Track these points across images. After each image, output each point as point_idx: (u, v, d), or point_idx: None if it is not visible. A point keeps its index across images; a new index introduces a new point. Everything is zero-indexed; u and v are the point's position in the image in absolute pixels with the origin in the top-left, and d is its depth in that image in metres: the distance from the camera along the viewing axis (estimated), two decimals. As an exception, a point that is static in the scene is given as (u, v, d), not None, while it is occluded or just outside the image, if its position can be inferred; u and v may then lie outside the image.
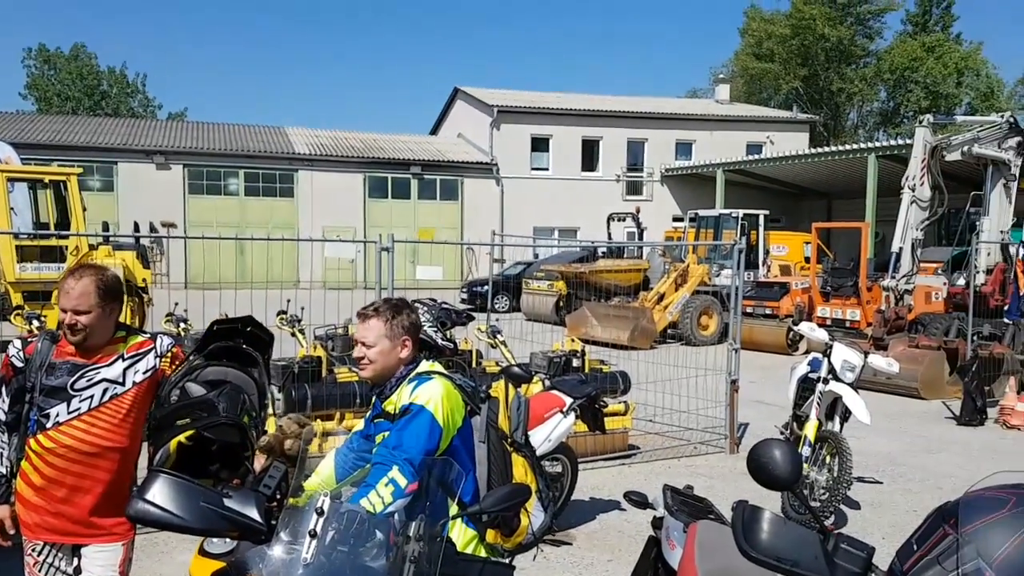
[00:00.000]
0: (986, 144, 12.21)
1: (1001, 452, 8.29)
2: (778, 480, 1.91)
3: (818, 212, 30.70)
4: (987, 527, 1.62)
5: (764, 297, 16.71)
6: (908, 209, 11.91)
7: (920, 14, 45.37)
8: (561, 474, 5.57)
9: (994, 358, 10.54)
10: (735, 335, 8.03)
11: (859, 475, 6.63)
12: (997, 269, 12.03)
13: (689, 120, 34.49)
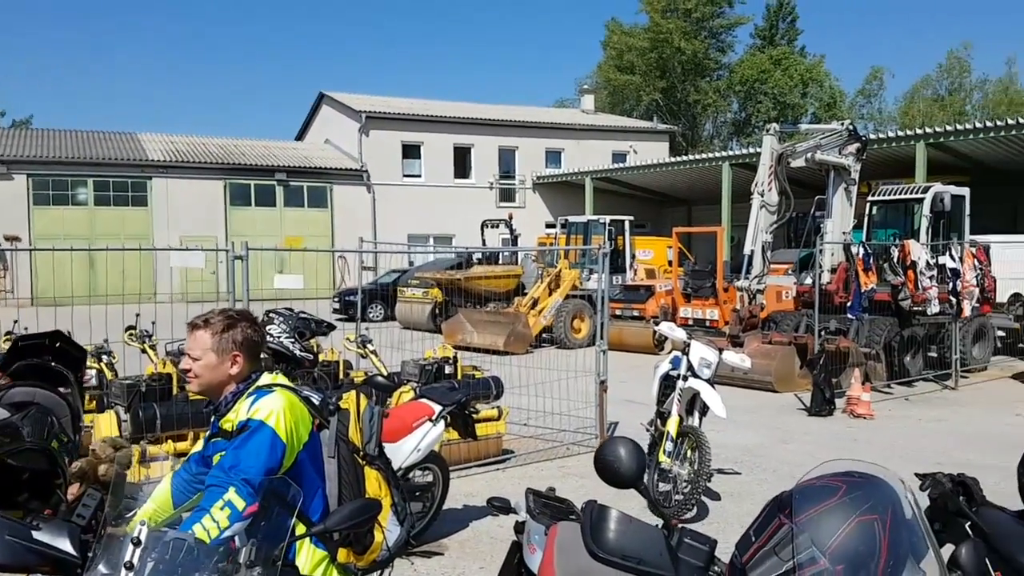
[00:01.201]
0: (828, 151, 13.07)
1: (849, 440, 8.84)
2: (623, 478, 1.91)
3: (679, 218, 32.07)
4: (820, 515, 1.66)
5: (631, 300, 17.22)
6: (758, 213, 12.56)
7: (767, 28, 48.30)
8: (432, 483, 5.47)
9: (840, 351, 11.26)
10: (603, 337, 8.20)
11: (719, 467, 6.89)
12: (840, 268, 12.84)
13: (558, 129, 35.23)
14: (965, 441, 8.72)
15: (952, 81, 45.33)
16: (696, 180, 28.60)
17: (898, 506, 1.69)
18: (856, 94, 48.78)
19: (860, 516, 1.65)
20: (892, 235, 13.85)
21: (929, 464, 6.56)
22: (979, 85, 45.17)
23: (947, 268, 12.15)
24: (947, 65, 45.30)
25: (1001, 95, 43.22)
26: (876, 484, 1.74)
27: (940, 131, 20.11)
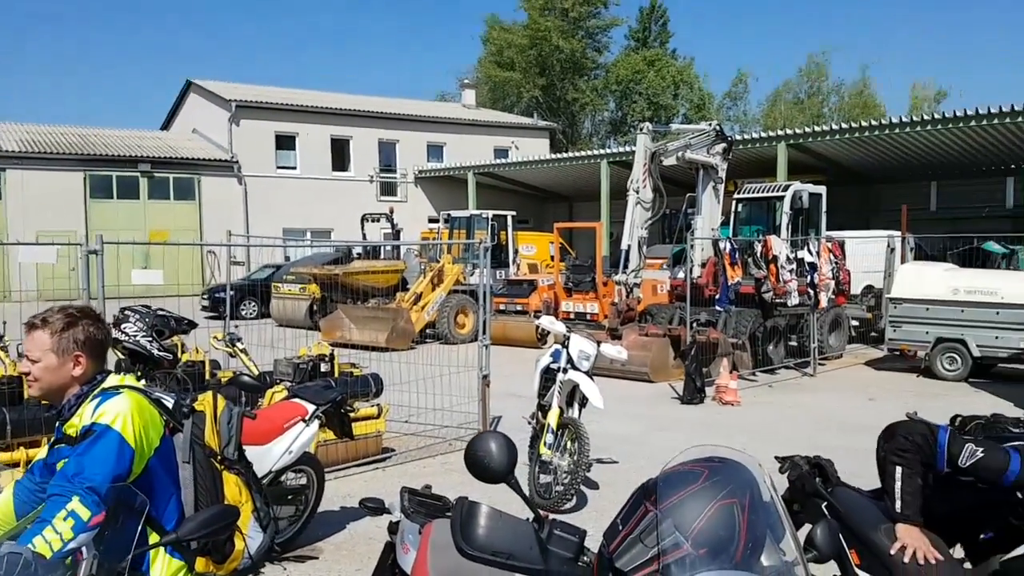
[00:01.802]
0: (697, 150, 13.60)
1: (718, 426, 9.23)
2: (494, 473, 1.89)
3: (561, 214, 32.62)
4: (683, 501, 1.70)
5: (514, 294, 17.36)
6: (634, 210, 12.92)
7: (641, 30, 49.76)
8: (306, 486, 5.29)
9: (710, 342, 11.75)
10: (485, 332, 8.20)
11: (598, 457, 7.04)
12: (710, 263, 13.41)
13: (439, 123, 35.05)
14: (823, 425, 9.27)
15: (811, 85, 48.13)
16: (576, 177, 29.15)
17: (756, 489, 1.75)
18: (723, 96, 51.04)
19: (721, 500, 1.69)
20: (756, 231, 14.57)
21: (790, 447, 6.91)
22: (836, 89, 48.19)
23: (805, 262, 12.91)
24: (807, 70, 48.07)
25: (856, 99, 46.26)
26: (736, 468, 1.79)
27: (800, 133, 21.33)
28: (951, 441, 2.93)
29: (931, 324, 12.37)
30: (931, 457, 2.94)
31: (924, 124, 19.05)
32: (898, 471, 2.95)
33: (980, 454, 2.86)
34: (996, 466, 2.82)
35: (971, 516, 3.11)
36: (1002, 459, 2.83)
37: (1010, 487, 2.83)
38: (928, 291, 12.53)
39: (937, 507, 3.04)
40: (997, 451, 2.86)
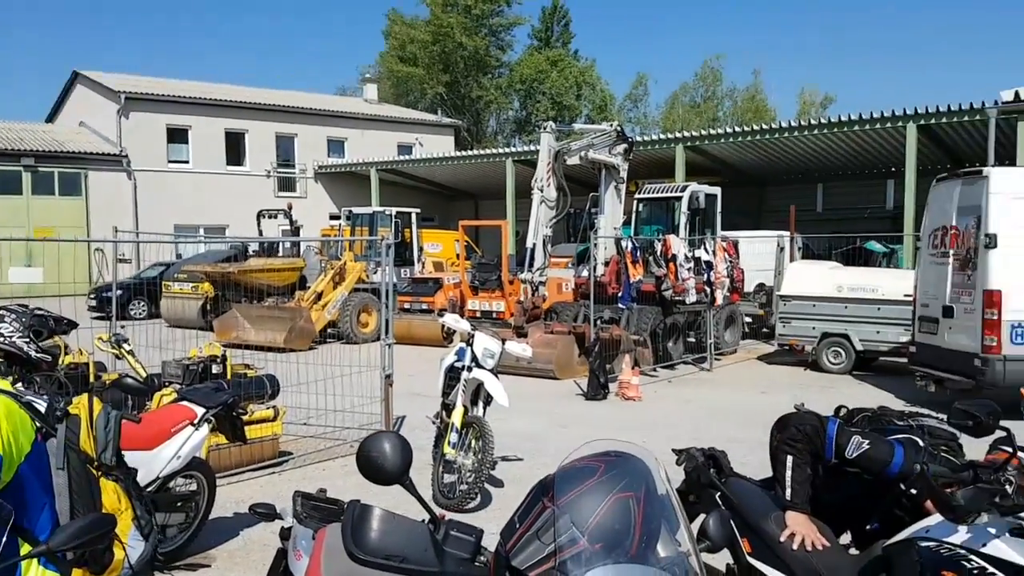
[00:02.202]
0: (599, 150, 13.82)
1: (620, 421, 9.39)
2: (388, 474, 1.83)
3: (467, 211, 32.53)
4: (580, 496, 1.69)
5: (420, 293, 17.19)
6: (538, 208, 13.01)
7: (543, 30, 50.22)
8: (196, 492, 5.05)
9: (613, 339, 11.94)
10: (388, 331, 8.07)
11: (503, 455, 7.03)
12: (612, 261, 13.64)
13: (340, 117, 34.36)
14: (719, 417, 9.57)
15: (707, 89, 49.79)
16: (482, 175, 29.16)
17: (652, 482, 1.75)
18: (624, 98, 52.16)
19: (617, 494, 1.69)
20: (656, 230, 14.93)
21: (689, 439, 7.11)
22: (729, 94, 50.04)
23: (702, 261, 13.30)
24: (702, 74, 49.70)
25: (749, 103, 48.14)
26: (632, 462, 1.80)
27: (696, 135, 21.99)
28: (839, 433, 3.03)
29: (817, 320, 12.95)
30: (820, 448, 3.04)
31: (811, 128, 19.96)
32: (789, 460, 3.04)
33: (866, 446, 2.97)
34: (881, 458, 2.94)
35: (858, 505, 3.24)
36: (886, 452, 2.95)
37: (894, 479, 2.95)
38: (814, 288, 13.12)
39: (826, 496, 3.16)
40: (882, 444, 2.98)
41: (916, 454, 2.93)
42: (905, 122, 17.78)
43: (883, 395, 10.79)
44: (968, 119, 17.03)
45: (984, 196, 9.16)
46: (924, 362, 10.28)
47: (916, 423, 3.24)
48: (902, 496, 3.02)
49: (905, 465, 2.89)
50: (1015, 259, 8.94)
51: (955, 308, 9.67)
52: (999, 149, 16.14)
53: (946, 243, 9.91)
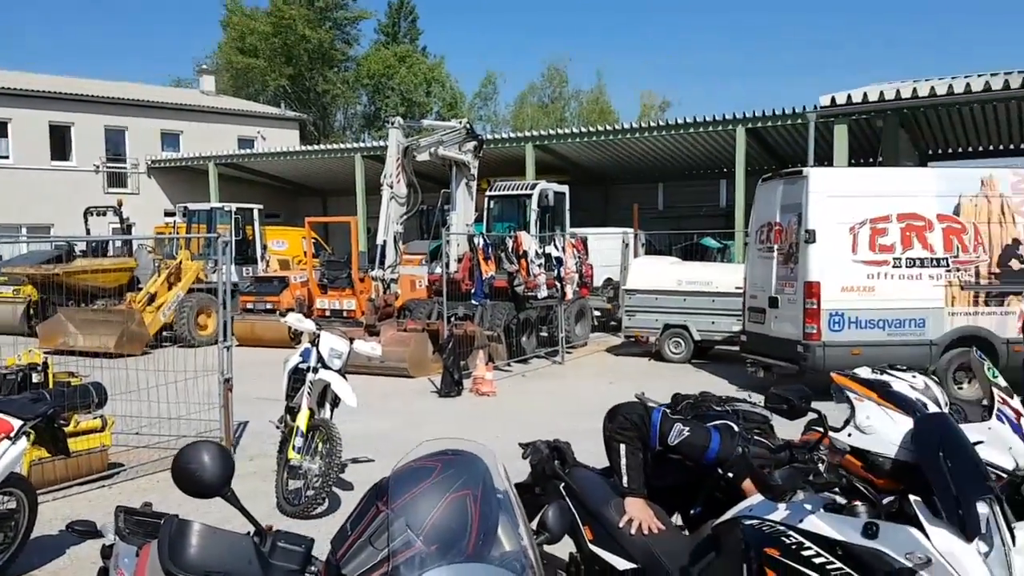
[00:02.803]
0: (449, 147, 13.81)
1: (475, 417, 9.43)
2: (207, 486, 1.72)
3: (315, 208, 31.62)
4: (415, 499, 1.65)
5: (264, 292, 16.56)
6: (388, 205, 12.84)
7: (390, 25, 49.58)
8: (15, 510, 4.65)
9: (467, 335, 11.97)
10: (226, 332, 7.70)
11: (353, 457, 6.87)
12: (465, 258, 13.69)
13: (175, 110, 32.44)
14: (570, 409, 9.80)
15: (554, 90, 50.97)
16: (330, 170, 28.44)
17: (489, 479, 1.75)
18: (474, 96, 52.46)
19: (453, 493, 1.67)
20: (508, 227, 15.12)
21: (542, 432, 7.19)
22: (575, 95, 51.45)
23: (552, 257, 13.61)
24: (548, 75, 50.82)
25: (593, 105, 49.69)
26: (469, 460, 1.78)
27: (545, 135, 22.47)
28: (662, 421, 3.17)
29: (660, 312, 13.58)
30: (646, 436, 3.16)
31: (651, 130, 20.88)
32: (622, 448, 3.15)
33: (686, 433, 3.11)
34: (699, 444, 3.10)
35: (683, 490, 3.41)
36: (704, 438, 3.11)
37: (712, 463, 3.12)
38: (657, 283, 13.75)
39: (655, 482, 3.29)
40: (701, 430, 3.14)
41: (732, 439, 3.11)
42: (735, 125, 18.95)
43: (719, 382, 11.44)
44: (791, 123, 18.37)
45: (804, 195, 9.88)
46: (754, 350, 10.98)
47: (732, 408, 3.44)
48: (720, 480, 3.19)
49: (721, 451, 3.06)
50: (832, 253, 9.72)
51: (780, 299, 10.39)
52: (818, 150, 17.51)
53: (771, 239, 10.63)
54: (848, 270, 9.74)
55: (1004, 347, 9.76)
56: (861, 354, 9.16)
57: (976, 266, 9.85)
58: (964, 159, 22.39)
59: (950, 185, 10.04)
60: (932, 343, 9.77)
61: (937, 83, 16.36)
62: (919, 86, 16.34)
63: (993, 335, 9.82)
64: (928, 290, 9.79)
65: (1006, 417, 3.38)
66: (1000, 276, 9.87)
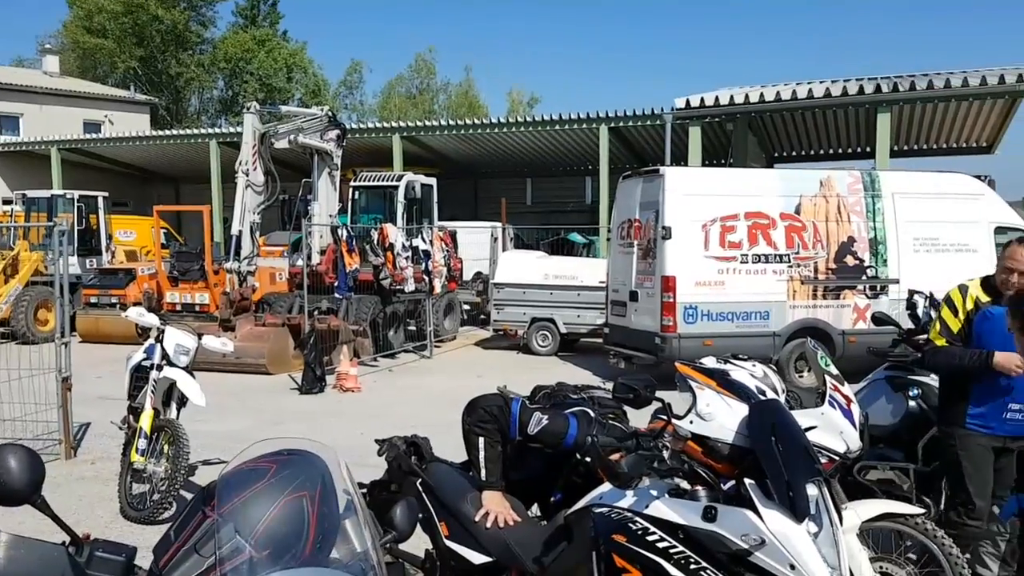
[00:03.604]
0: (310, 135, 13.39)
1: (337, 414, 9.20)
2: (14, 493, 1.57)
3: (167, 197, 29.91)
4: (246, 502, 1.57)
5: (109, 285, 15.53)
6: (244, 193, 12.34)
7: (249, 7, 47.52)
8: None
9: (331, 330, 11.69)
10: (64, 328, 7.15)
11: (205, 458, 6.55)
12: (329, 250, 13.34)
13: (13, 91, 29.96)
14: (437, 403, 9.74)
15: (422, 81, 50.58)
16: (184, 157, 27.01)
17: (329, 479, 1.68)
18: (339, 84, 51.25)
19: (289, 495, 1.59)
20: (374, 219, 14.87)
21: (407, 428, 7.11)
22: (444, 88, 51.27)
23: (420, 250, 13.50)
24: (416, 66, 50.37)
25: (463, 99, 49.70)
26: (307, 460, 1.71)
27: (413, 126, 22.27)
28: (522, 411, 3.20)
29: (527, 306, 13.75)
30: (506, 427, 3.18)
31: (520, 126, 21.13)
32: (480, 442, 3.15)
33: (545, 421, 3.16)
34: (558, 431, 3.15)
35: (542, 478, 3.45)
36: (563, 424, 3.16)
37: (571, 448, 3.18)
38: (525, 276, 13.91)
39: (513, 473, 3.31)
40: (559, 417, 3.20)
41: (588, 425, 3.19)
42: (599, 124, 19.47)
43: (583, 373, 11.72)
44: (650, 123, 19.06)
45: (661, 193, 10.26)
46: (616, 342, 11.32)
47: (588, 395, 3.53)
48: (579, 465, 3.26)
49: (579, 436, 3.13)
50: (686, 249, 10.14)
51: (639, 293, 10.76)
52: (675, 151, 18.30)
53: (631, 235, 10.98)
54: (701, 265, 10.18)
55: (840, 338, 10.50)
56: (712, 345, 9.63)
57: (815, 262, 10.54)
58: (807, 161, 24.00)
59: (792, 186, 10.70)
60: (776, 334, 10.38)
61: (783, 88, 17.44)
62: (766, 91, 17.35)
63: (830, 326, 10.53)
64: (772, 284, 10.38)
65: (837, 403, 3.61)
66: (836, 272, 10.61)
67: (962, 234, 10.70)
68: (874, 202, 10.70)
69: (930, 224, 10.70)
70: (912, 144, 21.94)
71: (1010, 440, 3.82)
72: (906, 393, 4.43)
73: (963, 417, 3.85)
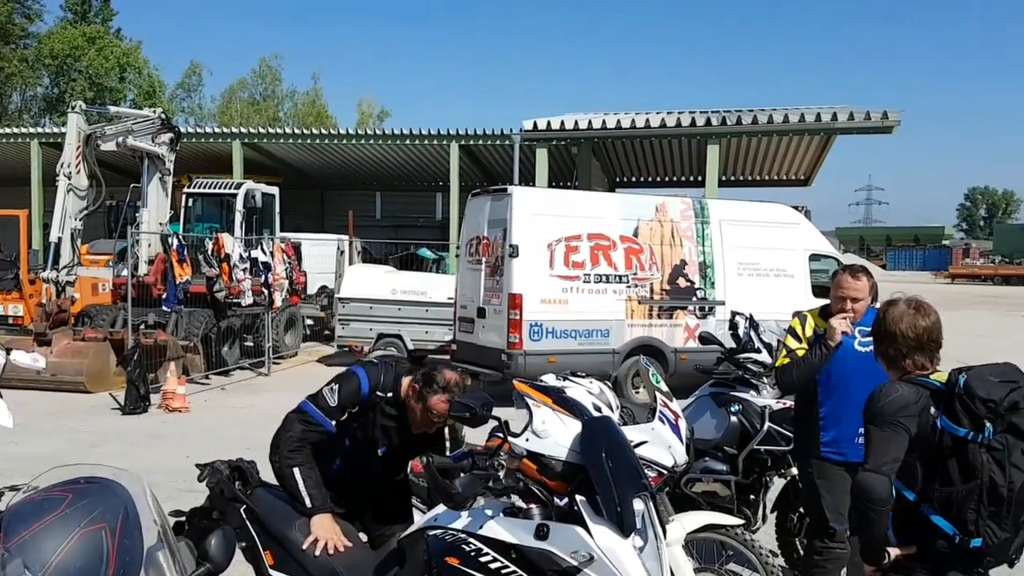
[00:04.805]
0: (141, 137, 12.57)
1: (162, 435, 8.64)
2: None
3: (-23, 198, 27.18)
4: (36, 535, 1.43)
5: None
6: (65, 198, 11.50)
7: (80, 3, 44.32)
8: None
9: (158, 345, 10.97)
10: None
11: (12, 484, 5.92)
12: (158, 260, 12.55)
13: None
14: (273, 424, 9.29)
15: (266, 87, 48.82)
16: (1, 157, 24.71)
17: (132, 508, 1.55)
18: (176, 87, 48.61)
19: (85, 528, 1.46)
20: (210, 228, 14.16)
21: (238, 451, 6.77)
22: (290, 95, 49.75)
23: (259, 262, 12.97)
24: (260, 71, 48.61)
25: (310, 107, 48.42)
26: (106, 488, 1.57)
27: (255, 133, 21.48)
28: (315, 403, 3.23)
29: (374, 321, 13.52)
30: (319, 431, 3.19)
31: (369, 138, 20.89)
32: (296, 472, 3.07)
33: (336, 387, 3.23)
34: (351, 388, 3.21)
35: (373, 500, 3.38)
36: (351, 379, 3.23)
37: (368, 399, 3.23)
38: (372, 291, 13.69)
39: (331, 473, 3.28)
40: (344, 376, 3.27)
41: (379, 369, 3.27)
42: (449, 141, 19.59)
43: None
44: (499, 143, 19.40)
45: (509, 211, 10.42)
46: (463, 358, 11.33)
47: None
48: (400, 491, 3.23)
49: (371, 380, 3.21)
50: (533, 267, 10.34)
51: (487, 309, 10.85)
52: (523, 170, 18.69)
53: (480, 252, 11.07)
54: (546, 284, 10.41)
55: (673, 355, 11.04)
56: (556, 362, 9.83)
57: (651, 283, 11.05)
58: (647, 187, 25.23)
59: (630, 210, 11.19)
60: (615, 351, 10.77)
61: (623, 117, 18.26)
62: (608, 119, 18.11)
63: (664, 344, 11.06)
64: (612, 304, 10.78)
65: (667, 419, 3.77)
66: (670, 292, 11.17)
67: (781, 260, 11.58)
68: (703, 228, 11.37)
69: (753, 250, 11.50)
70: (739, 175, 23.60)
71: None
72: (728, 409, 4.68)
73: (817, 446, 3.88)
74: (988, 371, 2.44)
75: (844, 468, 3.80)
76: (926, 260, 65.06)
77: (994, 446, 2.33)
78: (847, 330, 3.73)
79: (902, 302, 2.69)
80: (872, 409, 2.46)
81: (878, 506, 2.32)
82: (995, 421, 2.34)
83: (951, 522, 2.36)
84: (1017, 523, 2.36)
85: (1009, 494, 2.32)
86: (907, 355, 2.60)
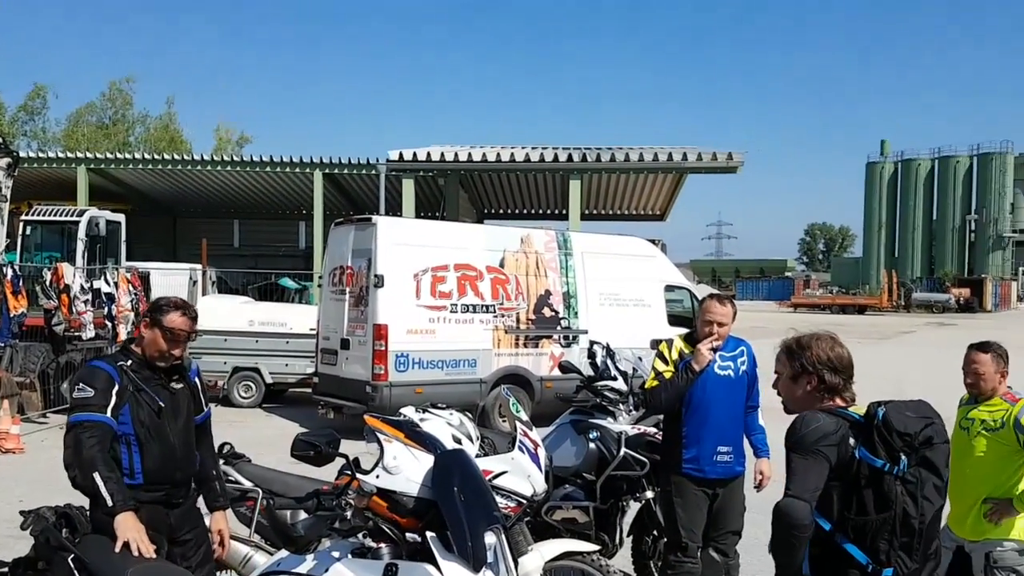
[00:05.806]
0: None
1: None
2: None
3: None
4: None
5: None
6: None
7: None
8: None
9: None
10: None
11: None
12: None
13: None
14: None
15: (116, 111, 46.18)
16: None
17: None
18: (18, 109, 45.21)
19: None
20: (49, 257, 13.21)
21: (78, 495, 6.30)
22: (141, 119, 47.23)
23: (103, 293, 12.19)
24: (110, 94, 45.96)
25: (163, 132, 46.10)
26: None
27: (103, 158, 20.33)
28: (80, 411, 3.17)
29: (229, 354, 12.94)
30: (105, 435, 3.11)
31: (227, 164, 20.20)
32: (96, 477, 2.96)
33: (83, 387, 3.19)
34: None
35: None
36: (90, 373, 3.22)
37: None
38: (226, 323, 13.10)
39: None
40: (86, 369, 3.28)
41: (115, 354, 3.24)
42: (313, 169, 19.24)
43: (291, 425, 11.23)
44: (365, 172, 19.22)
45: (374, 241, 10.30)
46: (326, 391, 11.04)
47: None
48: None
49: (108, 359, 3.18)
50: (399, 297, 10.24)
51: (351, 340, 10.62)
52: (390, 200, 18.58)
53: (344, 281, 10.86)
54: (413, 314, 10.33)
55: (539, 384, 11.18)
56: (423, 392, 9.72)
57: (517, 313, 11.18)
58: (514, 219, 25.69)
59: (496, 241, 11.33)
60: (482, 381, 10.79)
61: (489, 150, 18.56)
62: (474, 151, 18.36)
63: (530, 373, 11.19)
64: (479, 333, 10.82)
65: (526, 448, 3.79)
66: (535, 322, 11.34)
67: (639, 290, 12.04)
68: (567, 259, 11.67)
69: (613, 281, 11.90)
70: (600, 208, 24.46)
71: (719, 484, 4.07)
72: (587, 436, 4.77)
73: (679, 463, 4.06)
74: (904, 406, 2.52)
75: (702, 486, 4.02)
76: (771, 290, 69.69)
77: (908, 479, 2.40)
78: (710, 356, 3.95)
79: (826, 335, 2.74)
80: (794, 437, 2.47)
81: (799, 532, 2.34)
82: (910, 455, 2.42)
83: (864, 551, 2.41)
84: (926, 555, 2.44)
85: (920, 526, 2.39)
86: (841, 387, 2.61)
